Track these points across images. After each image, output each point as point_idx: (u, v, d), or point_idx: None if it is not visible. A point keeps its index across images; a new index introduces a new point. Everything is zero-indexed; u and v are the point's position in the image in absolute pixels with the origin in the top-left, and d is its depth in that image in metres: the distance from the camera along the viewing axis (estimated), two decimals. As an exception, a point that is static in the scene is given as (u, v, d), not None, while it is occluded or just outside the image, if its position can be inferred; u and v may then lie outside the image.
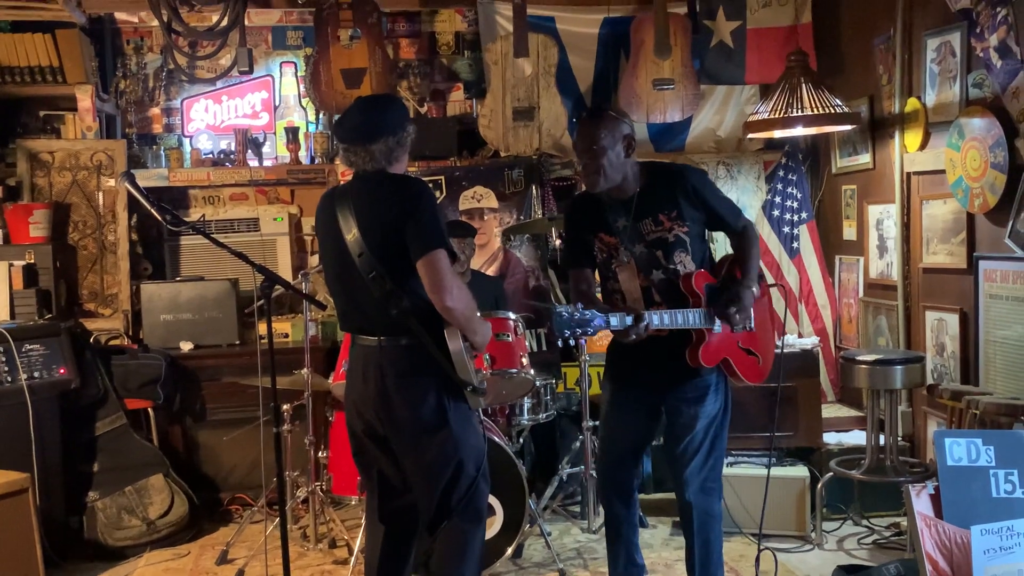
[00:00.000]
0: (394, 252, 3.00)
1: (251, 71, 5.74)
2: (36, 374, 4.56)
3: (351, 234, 3.05)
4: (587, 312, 3.07)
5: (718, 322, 3.30)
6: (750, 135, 5.46)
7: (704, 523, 3.40)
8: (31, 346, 4.59)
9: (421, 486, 3.15)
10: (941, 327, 4.72)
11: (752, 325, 3.39)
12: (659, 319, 3.21)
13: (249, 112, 6.03)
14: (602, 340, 5.22)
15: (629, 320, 3.15)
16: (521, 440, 4.69)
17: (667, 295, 3.32)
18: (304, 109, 6.09)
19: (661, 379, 3.37)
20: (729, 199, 3.52)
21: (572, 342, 3.07)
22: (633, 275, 3.34)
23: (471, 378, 3.06)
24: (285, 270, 5.79)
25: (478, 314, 3.12)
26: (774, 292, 4.09)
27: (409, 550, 3.30)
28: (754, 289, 3.38)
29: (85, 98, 5.47)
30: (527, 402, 4.51)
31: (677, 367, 3.32)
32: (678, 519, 4.58)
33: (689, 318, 3.27)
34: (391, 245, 3.00)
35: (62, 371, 4.64)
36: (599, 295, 3.52)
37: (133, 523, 4.76)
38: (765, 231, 5.76)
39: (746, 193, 5.97)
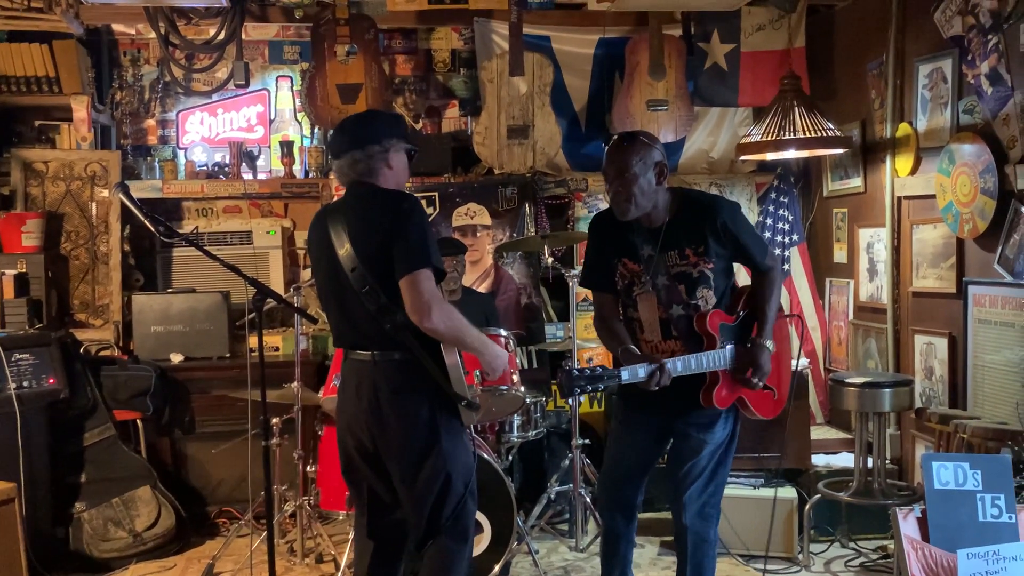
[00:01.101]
0: (386, 267, 2.99)
1: (247, 85, 5.76)
2: (25, 383, 4.55)
3: (344, 249, 3.05)
4: (598, 368, 3.05)
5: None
6: (743, 157, 5.49)
7: (698, 548, 3.39)
8: (21, 355, 4.58)
9: (411, 502, 3.14)
10: (930, 351, 4.75)
11: (769, 371, 3.34)
12: (682, 365, 3.18)
13: (244, 125, 6.04)
14: (593, 360, 5.25)
15: (650, 368, 3.12)
16: (510, 457, 4.69)
17: (685, 330, 3.28)
18: (299, 123, 6.10)
19: (674, 404, 3.33)
20: (759, 236, 3.45)
21: (582, 399, 3.04)
22: (654, 306, 3.29)
23: (466, 392, 3.07)
24: (277, 283, 5.78)
25: (472, 333, 3.10)
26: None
27: (397, 567, 3.29)
28: (770, 345, 3.32)
29: (80, 108, 5.48)
30: (517, 419, 4.51)
31: (690, 395, 3.29)
32: (667, 539, 4.59)
33: (706, 362, 3.23)
34: (383, 260, 3.00)
35: (51, 381, 4.63)
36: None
37: (119, 535, 4.74)
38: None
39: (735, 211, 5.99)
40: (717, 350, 3.27)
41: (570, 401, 3.03)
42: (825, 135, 4.99)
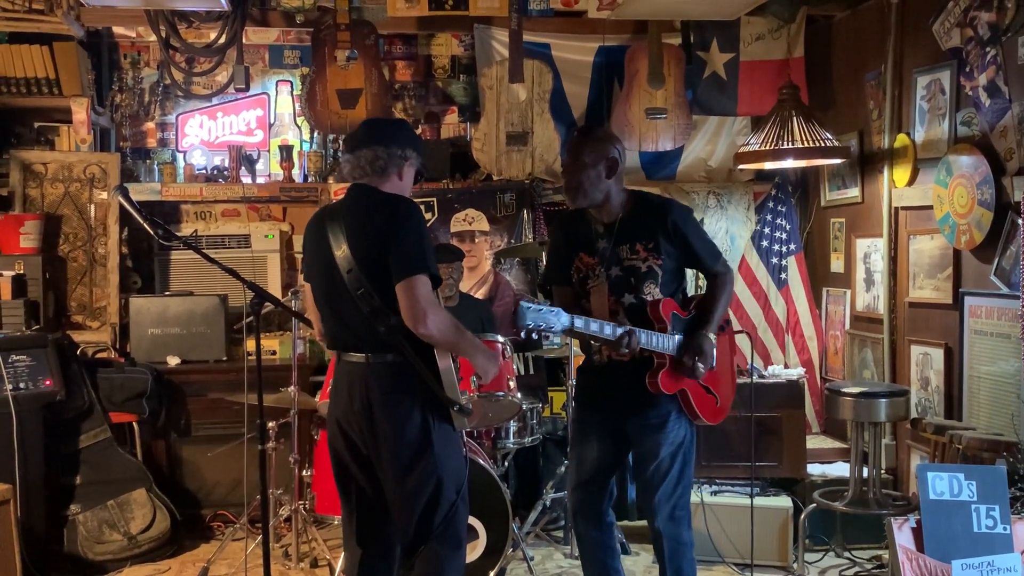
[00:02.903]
0: (382, 269, 3.00)
1: (247, 88, 5.77)
2: (21, 385, 4.55)
3: (340, 250, 3.06)
4: (554, 309, 3.08)
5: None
6: (741, 166, 5.51)
7: (675, 551, 3.41)
8: (17, 357, 4.57)
9: (400, 507, 3.13)
10: (926, 361, 4.76)
11: (713, 363, 3.41)
12: (646, 338, 3.25)
13: (244, 129, 6.05)
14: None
15: (621, 330, 3.21)
16: (506, 463, 4.69)
17: (634, 320, 3.34)
18: (299, 128, 6.11)
19: (623, 404, 3.39)
20: (711, 242, 3.55)
21: (535, 336, 3.05)
22: (604, 296, 3.38)
23: (459, 397, 3.07)
24: (275, 287, 5.79)
25: (467, 338, 3.11)
26: (742, 338, 4.16)
27: (388, 574, 3.29)
28: (712, 337, 3.40)
29: (80, 111, 5.49)
30: (513, 426, 4.52)
31: (638, 393, 3.35)
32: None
33: (656, 341, 3.30)
34: (379, 262, 3.00)
35: (48, 383, 4.63)
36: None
37: (114, 537, 4.73)
38: (754, 261, 5.80)
39: (736, 223, 6.02)
40: (668, 334, 3.33)
41: (527, 336, 3.05)
42: (823, 145, 5.01)
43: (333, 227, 3.10)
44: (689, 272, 3.99)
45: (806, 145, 4.99)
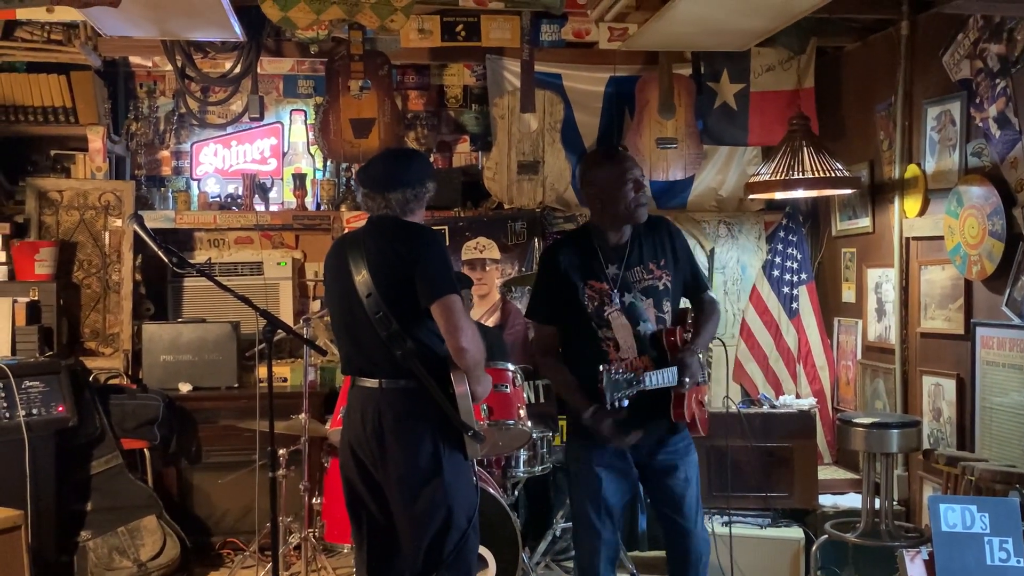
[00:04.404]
0: (401, 295, 3.05)
1: (261, 118, 5.83)
2: (35, 411, 4.56)
3: (360, 275, 3.11)
4: (629, 373, 3.10)
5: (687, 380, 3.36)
6: (751, 196, 5.51)
7: (705, 545, 3.48)
8: (31, 383, 4.59)
9: (409, 534, 3.13)
10: (938, 392, 4.74)
11: (704, 378, 3.48)
12: (658, 379, 3.26)
13: (258, 157, 6.10)
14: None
15: (676, 373, 3.25)
16: (516, 492, 4.68)
17: (656, 343, 3.35)
18: (312, 156, 6.16)
19: (649, 437, 3.37)
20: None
21: (618, 405, 3.08)
22: (626, 323, 3.36)
23: (473, 423, 3.08)
24: (287, 315, 5.81)
25: (484, 363, 3.16)
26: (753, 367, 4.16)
27: None
28: (700, 354, 3.43)
29: (96, 139, 5.55)
30: (523, 454, 4.51)
31: (661, 424, 3.36)
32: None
33: (669, 377, 3.30)
34: (398, 288, 3.06)
35: (60, 409, 4.64)
36: (571, 347, 3.48)
37: (124, 564, 4.72)
38: (765, 291, 5.79)
39: (747, 252, 6.03)
40: (670, 367, 3.33)
41: (614, 400, 3.04)
42: (834, 175, 5.01)
43: (353, 253, 3.16)
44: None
45: (817, 175, 5.00)
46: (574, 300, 3.38)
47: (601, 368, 3.04)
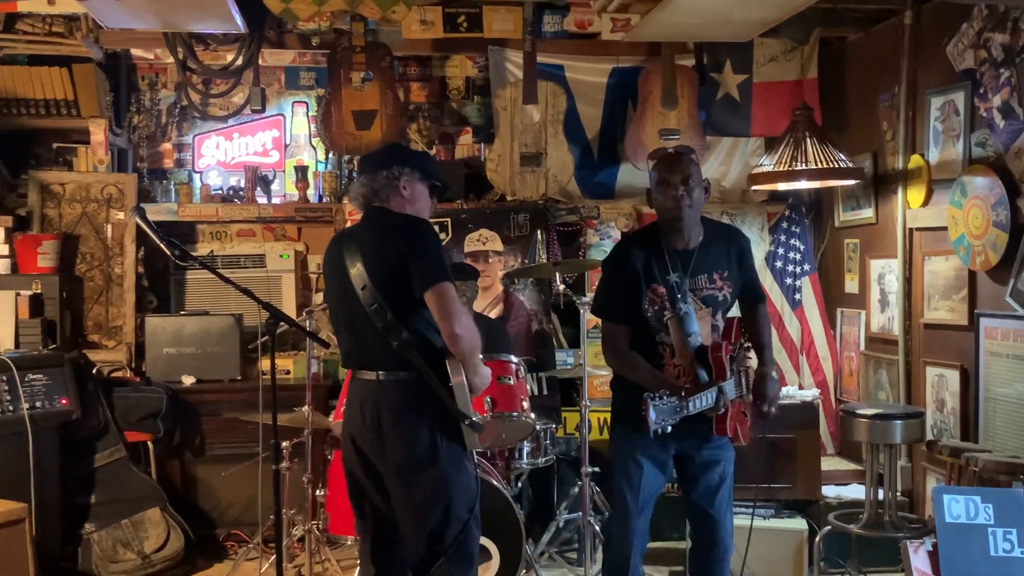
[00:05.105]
0: (396, 286, 3.07)
1: (263, 110, 5.82)
2: (38, 404, 4.57)
3: (355, 268, 3.13)
4: (671, 401, 3.09)
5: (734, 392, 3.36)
6: (754, 187, 5.51)
7: (731, 548, 3.51)
8: (34, 375, 4.60)
9: (408, 525, 3.15)
10: (941, 383, 4.73)
11: (746, 391, 3.49)
12: (727, 388, 3.30)
13: (260, 150, 6.09)
14: (603, 386, 5.24)
15: (716, 394, 3.25)
16: (519, 484, 4.68)
17: (702, 357, 3.33)
18: (314, 148, 6.15)
19: (692, 433, 3.37)
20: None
21: (661, 432, 3.13)
22: (679, 330, 3.32)
23: (470, 412, 3.09)
24: (289, 307, 5.81)
25: (480, 352, 3.15)
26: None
27: None
28: (774, 373, 3.48)
29: (98, 132, 5.54)
30: (526, 446, 4.51)
31: (704, 422, 3.34)
32: (676, 568, 4.58)
33: (729, 389, 3.32)
34: (393, 279, 3.08)
35: (64, 401, 4.65)
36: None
37: (128, 556, 4.74)
38: (768, 282, 5.78)
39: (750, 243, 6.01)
40: (729, 379, 3.33)
41: (657, 427, 3.07)
42: (837, 166, 5.00)
43: (349, 247, 3.19)
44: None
45: (820, 166, 4.99)
46: (638, 302, 3.37)
47: (646, 396, 3.05)
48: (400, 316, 3.07)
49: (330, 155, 6.07)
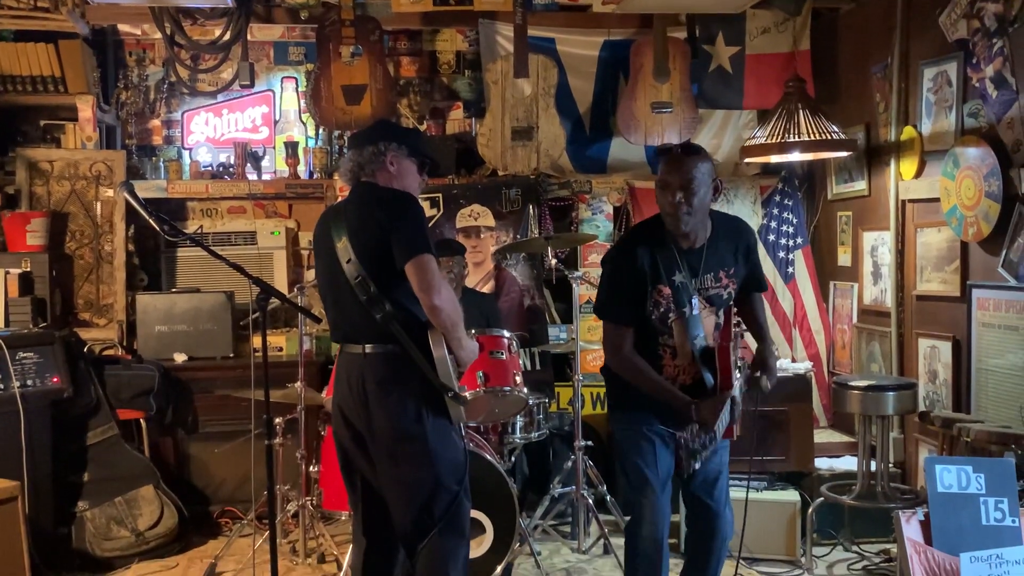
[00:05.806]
0: (379, 260, 3.09)
1: (252, 85, 5.77)
2: (29, 382, 4.55)
3: (341, 242, 3.15)
4: (701, 437, 3.21)
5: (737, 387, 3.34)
6: (747, 159, 5.49)
7: (728, 525, 3.49)
8: (25, 354, 4.58)
9: (396, 498, 3.16)
10: (934, 354, 4.74)
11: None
12: (739, 395, 3.34)
13: (249, 126, 6.05)
14: (595, 361, 5.25)
15: (729, 410, 3.27)
16: (513, 459, 4.69)
17: (707, 360, 3.29)
18: (304, 124, 6.11)
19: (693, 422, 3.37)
20: None
21: (692, 470, 3.32)
22: (684, 331, 3.25)
23: (453, 384, 3.09)
24: (281, 283, 5.79)
25: (463, 326, 3.16)
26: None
27: (391, 566, 3.30)
28: (776, 351, 3.50)
29: (86, 108, 5.49)
30: (520, 421, 4.51)
31: None
32: (671, 540, 4.60)
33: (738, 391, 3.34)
34: (376, 252, 3.09)
35: (55, 380, 4.64)
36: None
37: (122, 534, 4.74)
38: (760, 255, 5.77)
39: (742, 217, 5.98)
40: (735, 384, 3.30)
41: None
42: (829, 138, 4.99)
43: (336, 221, 3.21)
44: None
45: (812, 138, 4.99)
46: (642, 303, 3.26)
47: (678, 435, 3.14)
48: (383, 289, 3.08)
49: (320, 131, 6.04)
